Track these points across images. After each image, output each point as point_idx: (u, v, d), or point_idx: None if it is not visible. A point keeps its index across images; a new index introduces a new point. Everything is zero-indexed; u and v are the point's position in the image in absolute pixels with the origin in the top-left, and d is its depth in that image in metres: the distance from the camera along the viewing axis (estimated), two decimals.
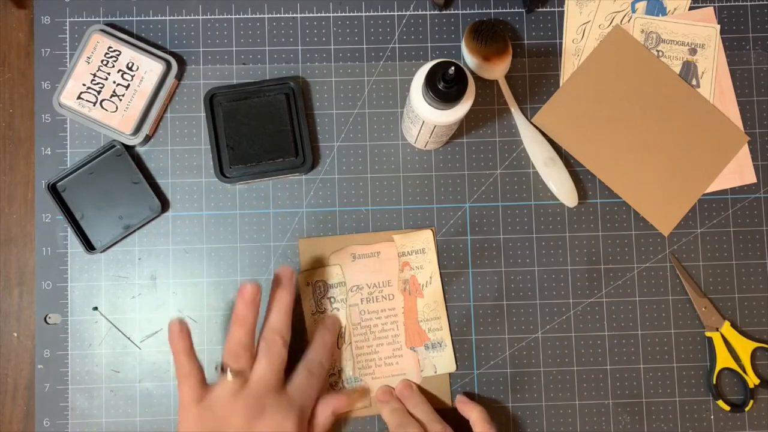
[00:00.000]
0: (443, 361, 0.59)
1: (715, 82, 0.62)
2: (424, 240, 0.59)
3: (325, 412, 0.55)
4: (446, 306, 0.59)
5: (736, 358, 0.59)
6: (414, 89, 0.51)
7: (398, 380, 0.59)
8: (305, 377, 0.53)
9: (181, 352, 0.52)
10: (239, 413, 0.50)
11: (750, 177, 0.61)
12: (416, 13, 0.62)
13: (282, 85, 0.59)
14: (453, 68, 0.47)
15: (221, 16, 0.61)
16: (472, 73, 0.61)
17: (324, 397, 0.56)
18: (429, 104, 0.50)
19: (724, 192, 0.61)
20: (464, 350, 0.59)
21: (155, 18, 0.61)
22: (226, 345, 0.52)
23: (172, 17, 0.61)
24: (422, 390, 0.59)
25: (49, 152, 0.60)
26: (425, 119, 0.51)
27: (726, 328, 0.59)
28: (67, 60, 0.61)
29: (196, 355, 0.52)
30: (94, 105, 0.58)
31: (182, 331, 0.52)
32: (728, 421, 0.59)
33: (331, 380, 0.59)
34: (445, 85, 0.48)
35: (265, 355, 0.52)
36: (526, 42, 0.62)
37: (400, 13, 0.62)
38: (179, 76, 0.61)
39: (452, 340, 0.59)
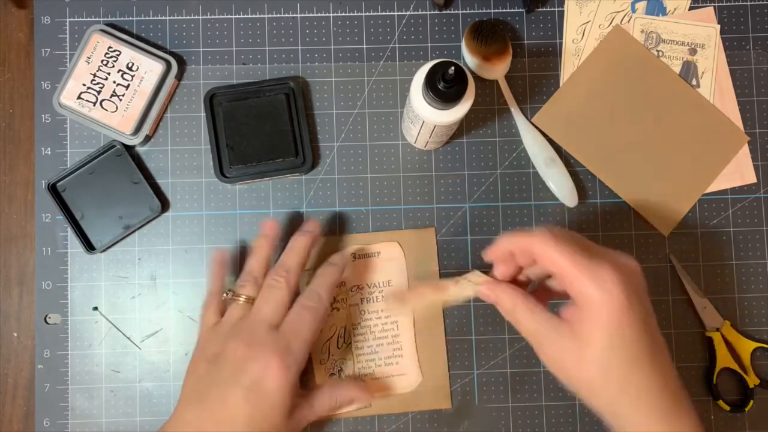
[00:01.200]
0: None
1: (715, 82, 0.62)
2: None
3: (346, 396, 0.55)
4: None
5: (737, 358, 0.59)
6: (414, 89, 0.51)
7: (398, 380, 0.58)
8: (297, 312, 0.52)
9: (217, 277, 0.56)
10: (236, 340, 0.51)
11: (750, 177, 0.61)
12: (416, 13, 0.62)
13: (282, 85, 0.59)
14: (453, 68, 0.47)
15: (221, 16, 0.61)
16: (472, 73, 0.61)
17: (355, 383, 0.56)
18: (429, 104, 0.50)
19: (724, 192, 0.61)
20: (464, 350, 0.59)
21: (155, 18, 0.61)
22: (240, 275, 0.55)
23: (172, 17, 0.61)
24: (419, 395, 0.59)
25: (49, 152, 0.60)
26: (425, 119, 0.51)
27: (726, 328, 0.59)
28: (67, 60, 0.61)
29: (225, 285, 0.56)
30: (94, 105, 0.58)
31: (222, 259, 0.57)
32: (728, 421, 0.59)
33: (332, 379, 0.59)
34: (445, 85, 0.48)
35: (268, 288, 0.53)
36: (526, 42, 0.62)
37: (400, 13, 0.62)
38: (179, 76, 0.61)
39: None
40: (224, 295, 0.55)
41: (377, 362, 0.59)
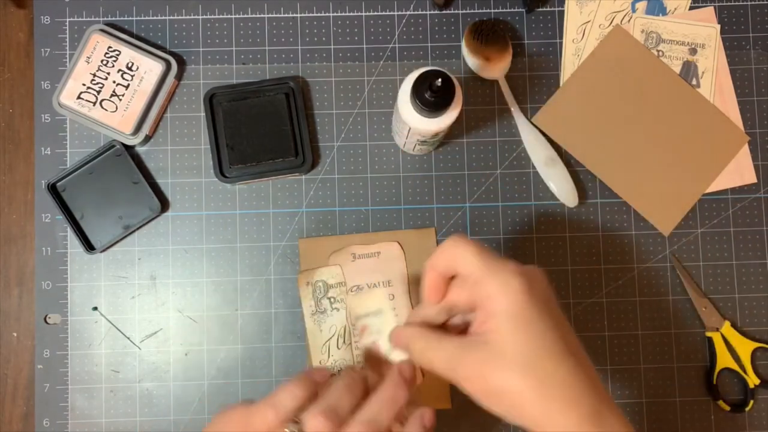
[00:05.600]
0: None
1: (715, 82, 0.62)
2: (378, 299, 0.58)
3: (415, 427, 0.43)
4: None
5: (737, 358, 0.59)
6: (401, 96, 0.50)
7: None
8: None
9: (295, 392, 0.42)
10: None
11: (750, 177, 0.61)
12: (416, 13, 0.62)
13: (282, 85, 0.59)
14: (440, 80, 0.47)
15: (221, 16, 0.61)
16: (472, 73, 0.61)
17: (413, 413, 0.44)
18: (416, 112, 0.50)
19: (724, 192, 0.61)
20: None
21: (155, 18, 0.61)
22: (317, 404, 0.42)
23: (171, 17, 0.61)
24: (419, 395, 0.58)
25: (49, 152, 0.60)
26: (412, 126, 0.51)
27: (726, 328, 0.59)
28: (67, 60, 0.61)
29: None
30: (94, 105, 0.58)
31: (318, 377, 0.44)
32: (728, 422, 0.59)
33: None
34: (432, 95, 0.48)
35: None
36: (526, 42, 0.62)
37: (400, 13, 0.62)
38: (179, 76, 0.61)
39: None
40: (287, 427, 0.42)
41: None
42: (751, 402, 0.59)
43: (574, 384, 0.39)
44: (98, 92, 0.58)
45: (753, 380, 0.59)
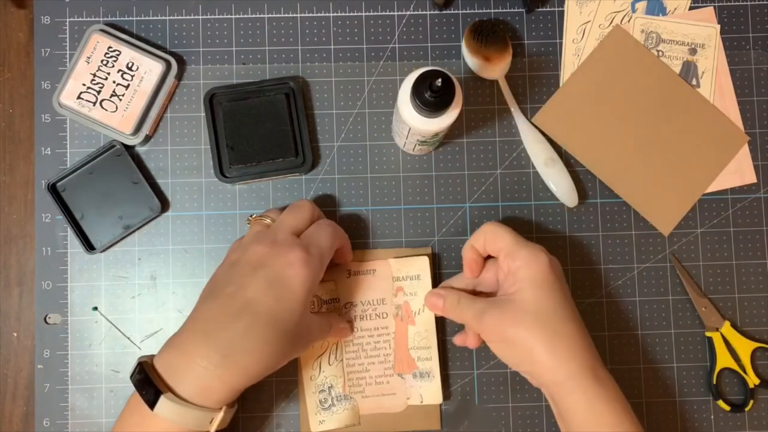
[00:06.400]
0: (430, 392, 0.58)
1: (715, 82, 0.62)
2: (419, 266, 0.58)
3: (335, 323, 0.56)
4: (437, 337, 0.58)
5: (737, 358, 0.59)
6: (402, 96, 0.50)
7: (389, 400, 0.58)
8: (316, 226, 0.53)
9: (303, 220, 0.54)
10: (257, 244, 0.51)
11: (750, 177, 0.61)
12: (416, 13, 0.62)
13: (282, 85, 0.59)
14: (440, 79, 0.47)
15: (221, 16, 0.61)
16: (472, 73, 0.61)
17: (341, 318, 0.58)
18: (416, 112, 0.50)
19: (724, 192, 0.61)
20: (464, 350, 0.59)
21: (155, 18, 0.61)
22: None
23: (171, 17, 0.61)
24: (409, 414, 0.58)
25: (49, 152, 0.60)
26: (412, 126, 0.51)
27: (726, 328, 0.59)
28: (67, 60, 0.61)
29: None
30: (94, 105, 0.58)
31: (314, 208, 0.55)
32: (728, 421, 0.59)
33: (320, 397, 0.58)
34: (432, 95, 0.48)
35: (292, 207, 0.54)
36: (526, 42, 0.62)
37: (400, 13, 0.62)
38: (179, 76, 0.61)
39: (441, 371, 0.58)
40: (248, 219, 0.56)
41: (368, 381, 0.58)
42: (751, 402, 0.59)
43: (576, 342, 0.50)
44: (98, 92, 0.58)
45: (753, 380, 0.59)
